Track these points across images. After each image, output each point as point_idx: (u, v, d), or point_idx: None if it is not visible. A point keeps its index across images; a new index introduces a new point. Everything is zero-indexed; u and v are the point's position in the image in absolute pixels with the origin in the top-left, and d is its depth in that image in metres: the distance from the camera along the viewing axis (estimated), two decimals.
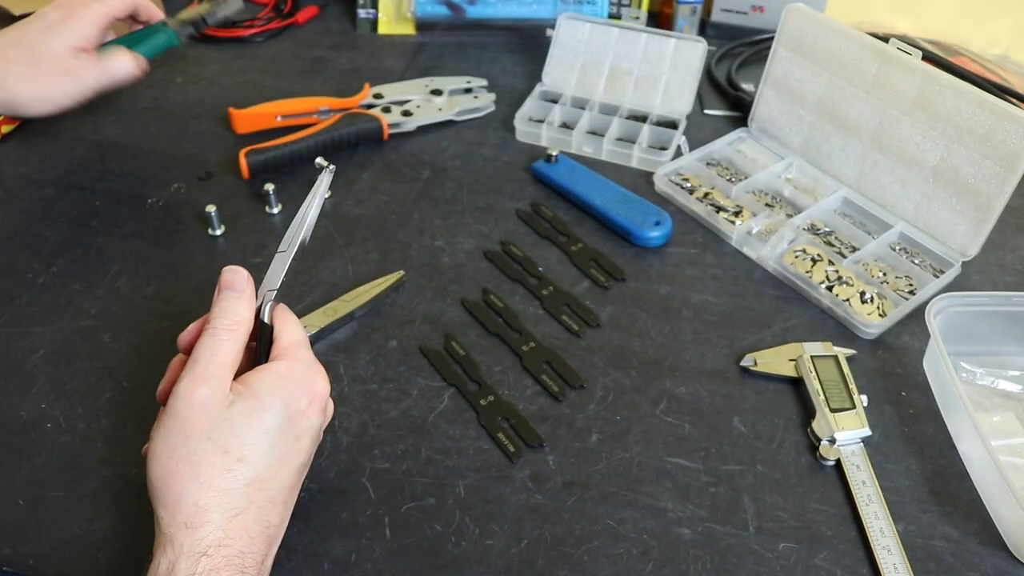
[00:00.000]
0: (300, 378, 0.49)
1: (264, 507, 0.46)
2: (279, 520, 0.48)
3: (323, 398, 0.51)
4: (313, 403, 0.50)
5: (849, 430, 0.60)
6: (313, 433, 0.50)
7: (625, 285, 0.73)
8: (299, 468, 0.49)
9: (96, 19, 0.72)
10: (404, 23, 1.07)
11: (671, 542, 0.55)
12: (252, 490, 0.46)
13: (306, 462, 0.50)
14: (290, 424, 0.48)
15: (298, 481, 0.50)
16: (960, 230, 0.73)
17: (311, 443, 0.50)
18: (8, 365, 0.65)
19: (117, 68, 0.72)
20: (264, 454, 0.47)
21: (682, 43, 0.89)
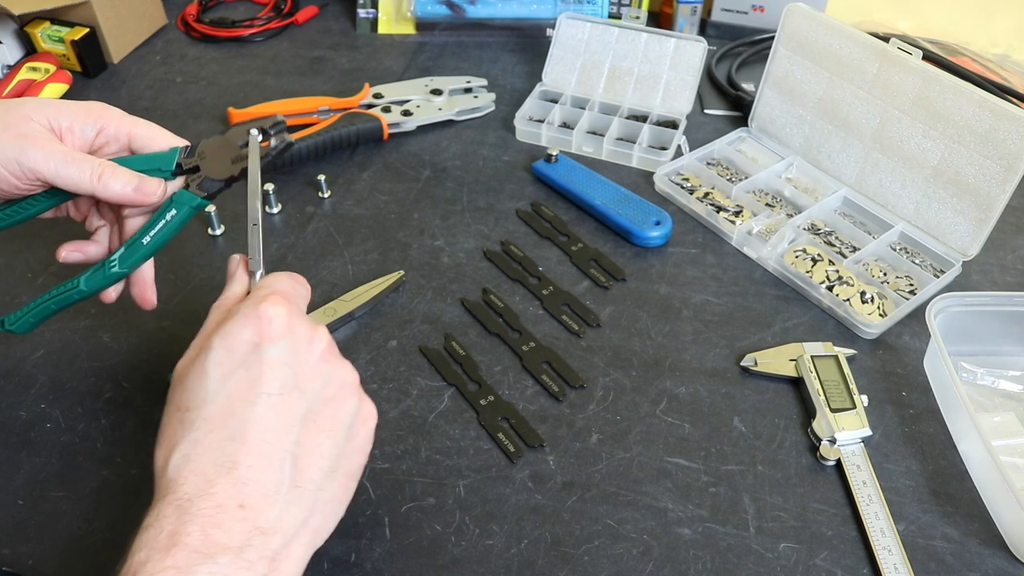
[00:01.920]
0: (245, 313, 0.45)
1: (223, 446, 0.42)
2: (256, 460, 0.42)
3: (271, 320, 0.45)
4: (261, 329, 0.45)
5: (849, 430, 0.60)
6: (273, 359, 0.44)
7: (625, 285, 0.73)
8: (263, 398, 0.43)
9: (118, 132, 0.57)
10: (404, 23, 1.07)
11: (671, 542, 0.55)
12: (202, 432, 0.42)
13: (280, 390, 0.44)
14: (229, 355, 0.44)
15: (281, 415, 0.44)
16: (960, 230, 0.73)
17: (275, 371, 0.44)
18: (8, 365, 0.64)
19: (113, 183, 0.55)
20: (210, 394, 0.43)
21: (682, 43, 0.89)
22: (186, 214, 0.57)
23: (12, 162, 0.52)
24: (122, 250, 0.56)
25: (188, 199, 0.56)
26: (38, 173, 0.52)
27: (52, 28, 0.96)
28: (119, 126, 0.56)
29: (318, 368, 0.46)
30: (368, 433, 0.48)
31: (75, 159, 0.53)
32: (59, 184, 0.53)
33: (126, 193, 0.54)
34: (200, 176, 0.57)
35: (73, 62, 0.96)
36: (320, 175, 0.81)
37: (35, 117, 0.54)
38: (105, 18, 0.97)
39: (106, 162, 0.54)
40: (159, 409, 0.61)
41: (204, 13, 1.08)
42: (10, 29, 0.96)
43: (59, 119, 0.54)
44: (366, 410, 0.48)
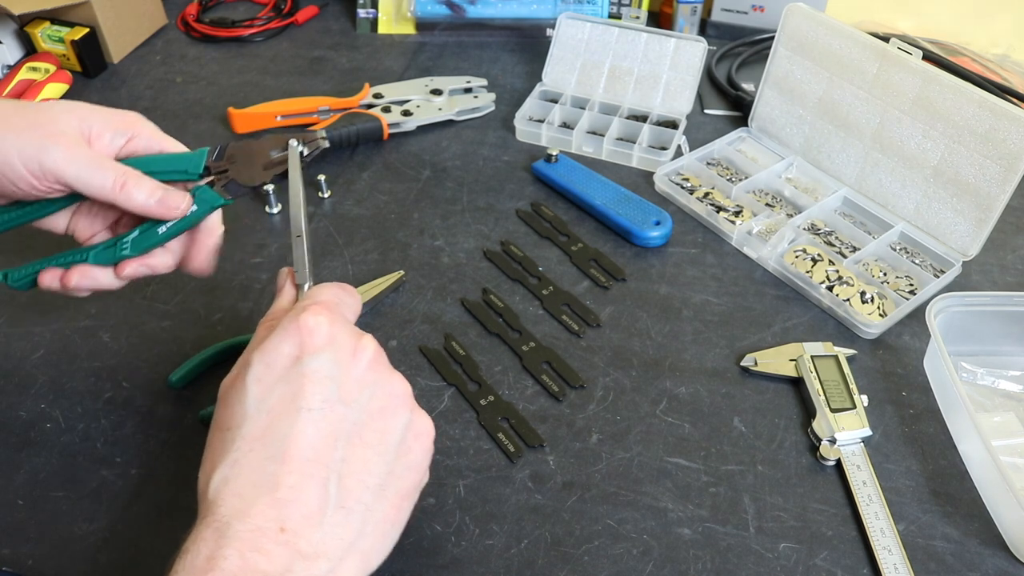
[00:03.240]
0: (284, 326, 0.43)
1: (263, 465, 0.40)
2: (297, 480, 0.40)
3: (311, 331, 0.43)
4: (303, 342, 0.42)
5: (849, 430, 0.60)
6: (314, 372, 0.42)
7: (625, 285, 0.73)
8: (304, 413, 0.41)
9: (148, 147, 0.55)
10: (404, 23, 1.07)
11: (671, 542, 0.55)
12: (241, 452, 0.40)
13: (321, 405, 0.41)
14: (269, 370, 0.42)
15: (323, 431, 0.41)
16: (960, 230, 0.73)
17: (317, 385, 0.42)
18: (8, 365, 0.64)
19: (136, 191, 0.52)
20: (249, 411, 0.41)
21: (682, 43, 0.89)
22: (206, 211, 0.55)
23: (33, 161, 0.50)
24: (136, 233, 0.54)
25: (211, 197, 0.54)
26: (59, 175, 0.50)
27: (52, 28, 0.96)
28: (150, 141, 0.54)
29: (364, 379, 0.43)
30: (423, 449, 0.45)
31: (99, 164, 0.51)
32: (79, 189, 0.51)
33: (149, 205, 0.52)
34: (227, 178, 0.56)
35: (73, 62, 0.96)
36: (320, 175, 0.81)
37: (64, 118, 0.51)
38: (105, 18, 0.97)
39: (131, 170, 0.52)
40: (159, 409, 0.62)
41: (204, 13, 1.08)
42: (10, 29, 0.96)
43: (90, 122, 0.52)
44: (419, 424, 0.45)
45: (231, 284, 0.71)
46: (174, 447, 0.59)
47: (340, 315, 0.45)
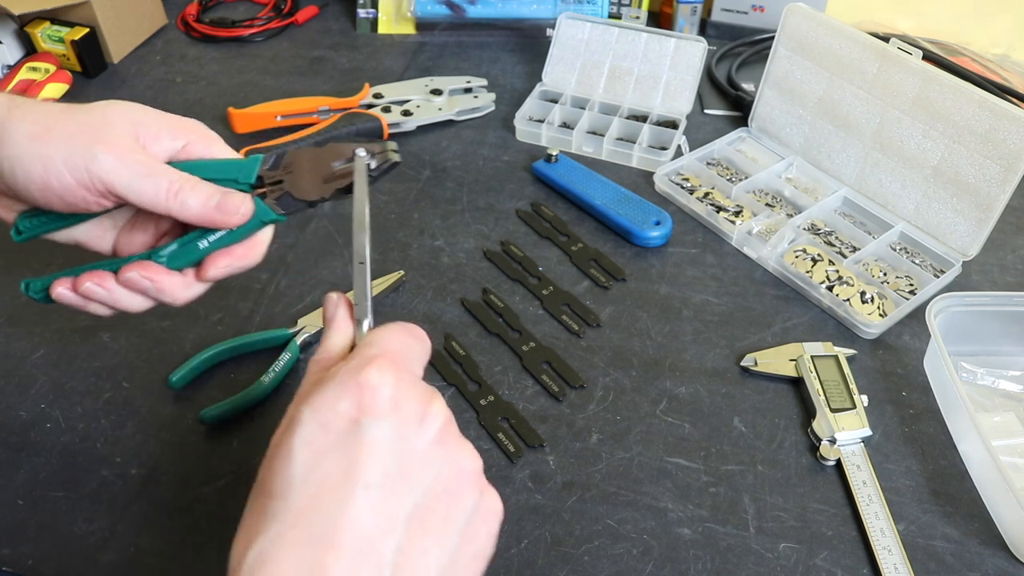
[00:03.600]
0: (343, 380, 0.37)
1: (308, 548, 0.34)
2: (347, 569, 0.33)
3: (375, 391, 0.36)
4: (362, 402, 0.36)
5: (849, 430, 0.60)
6: (374, 442, 0.36)
7: (625, 285, 0.73)
8: (360, 491, 0.35)
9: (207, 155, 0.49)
10: (404, 23, 1.07)
11: (671, 542, 0.55)
12: (284, 527, 0.34)
13: (381, 482, 0.35)
14: (322, 432, 0.36)
15: (380, 515, 0.35)
16: (960, 230, 0.73)
17: (376, 458, 0.35)
18: (8, 365, 0.64)
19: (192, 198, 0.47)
20: (295, 480, 0.35)
21: (682, 43, 0.89)
22: (255, 226, 0.48)
23: (82, 170, 0.45)
24: (174, 247, 0.48)
25: (262, 211, 0.48)
26: (108, 184, 0.45)
27: (52, 28, 0.96)
28: (208, 148, 0.49)
29: (430, 454, 0.37)
30: (490, 534, 0.39)
31: (151, 171, 0.46)
32: (131, 199, 0.46)
33: (206, 211, 0.46)
34: (281, 190, 0.49)
35: (73, 62, 0.96)
36: None
37: (118, 121, 0.47)
38: (105, 18, 0.97)
39: (185, 175, 0.47)
40: (159, 409, 0.62)
41: (204, 13, 1.08)
42: (10, 29, 0.96)
43: (146, 124, 0.48)
44: (488, 505, 0.39)
45: (231, 284, 0.71)
46: (174, 447, 0.59)
47: (408, 371, 0.38)
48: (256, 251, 0.49)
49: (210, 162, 0.48)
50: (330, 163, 0.49)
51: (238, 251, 0.49)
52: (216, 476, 0.58)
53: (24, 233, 0.50)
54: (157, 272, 0.47)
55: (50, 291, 0.49)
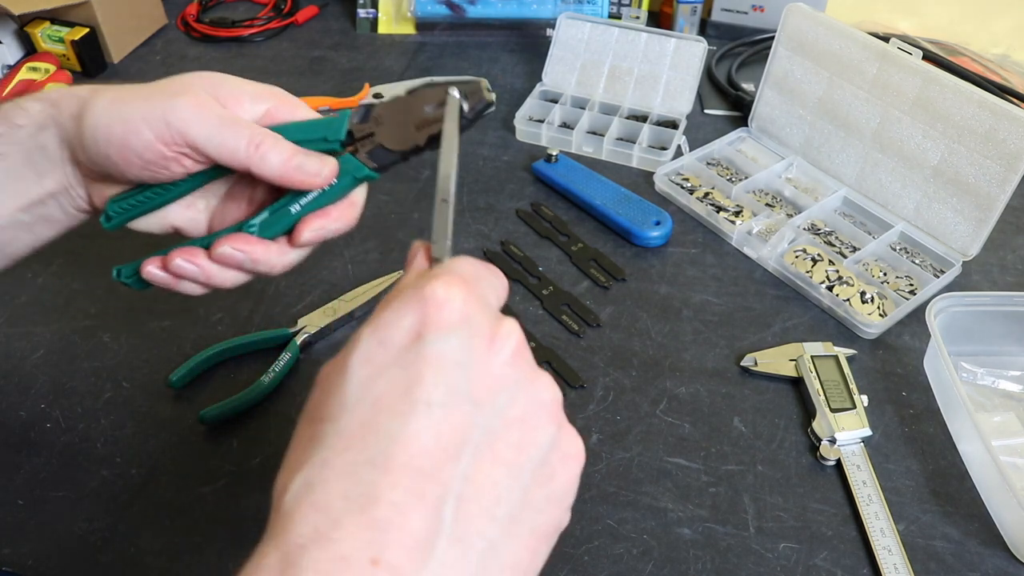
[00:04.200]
0: (407, 296, 0.33)
1: (359, 472, 0.30)
2: (402, 496, 0.29)
3: (440, 305, 0.33)
4: (427, 316, 0.32)
5: (849, 430, 0.60)
6: (439, 355, 0.32)
7: (625, 285, 0.73)
8: (421, 408, 0.31)
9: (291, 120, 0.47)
10: (404, 23, 1.07)
11: (671, 542, 0.55)
12: (333, 452, 0.31)
13: (444, 400, 0.31)
14: (381, 349, 0.32)
15: (444, 435, 0.31)
16: (961, 230, 0.73)
17: (441, 373, 0.31)
18: (8, 365, 0.64)
19: (273, 154, 0.45)
20: (349, 400, 0.32)
21: (682, 43, 0.89)
22: (348, 185, 0.46)
23: (160, 122, 0.43)
24: (265, 214, 0.46)
25: (353, 167, 0.46)
26: (188, 136, 0.44)
27: (52, 28, 0.96)
28: (292, 113, 0.47)
29: (503, 376, 0.33)
30: (570, 478, 0.35)
31: (232, 123, 0.44)
32: (210, 151, 0.44)
33: (286, 170, 0.44)
34: (373, 143, 0.46)
35: (73, 62, 0.96)
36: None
37: (197, 82, 0.46)
38: (105, 18, 0.97)
39: (268, 131, 0.45)
40: (159, 409, 0.62)
41: (204, 13, 1.08)
42: (10, 29, 0.96)
43: (226, 86, 0.47)
44: (568, 444, 0.35)
45: None
46: (174, 447, 0.59)
47: (479, 293, 0.34)
48: (351, 213, 0.47)
49: (298, 124, 0.46)
50: (422, 108, 0.46)
51: (332, 213, 0.47)
52: (216, 476, 0.58)
53: (114, 219, 0.48)
54: (249, 242, 0.46)
55: (140, 271, 0.47)
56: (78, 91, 0.47)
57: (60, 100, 0.47)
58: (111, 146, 0.44)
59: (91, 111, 0.45)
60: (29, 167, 0.47)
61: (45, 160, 0.47)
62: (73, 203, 0.49)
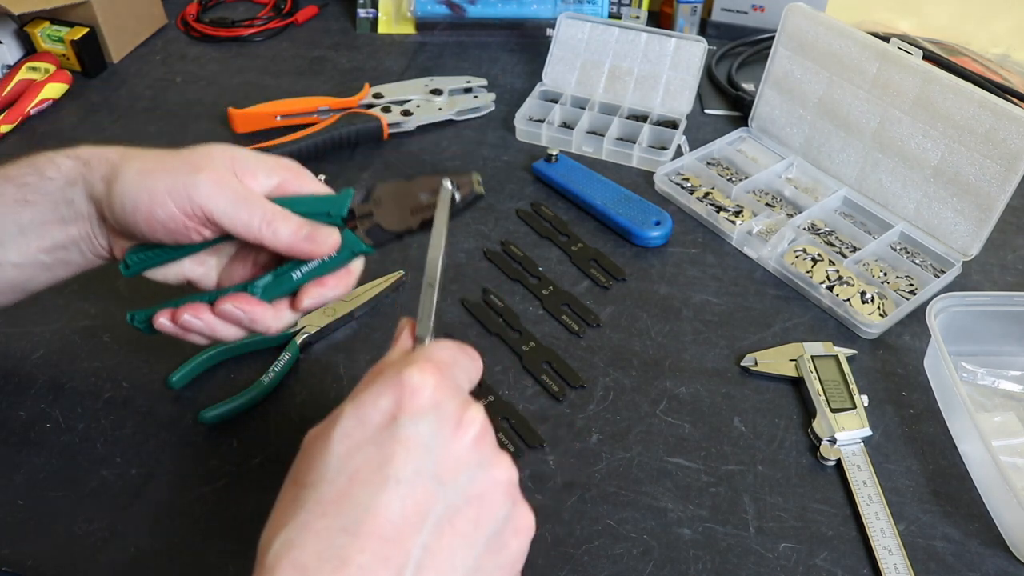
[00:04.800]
0: (386, 379, 0.38)
1: (333, 536, 0.35)
2: (370, 560, 0.34)
3: (414, 391, 0.38)
4: (402, 400, 0.37)
5: (850, 430, 0.60)
6: (409, 437, 0.37)
7: (625, 285, 0.73)
8: (391, 484, 0.35)
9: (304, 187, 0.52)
10: (404, 23, 1.07)
11: (671, 542, 0.55)
12: (312, 516, 0.35)
13: (412, 477, 0.36)
14: (363, 428, 0.37)
15: (409, 509, 0.35)
16: (961, 230, 0.73)
17: (411, 453, 0.36)
18: (7, 365, 0.64)
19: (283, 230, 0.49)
20: (329, 470, 0.36)
21: (682, 43, 0.89)
22: (346, 257, 0.51)
23: (184, 197, 0.48)
24: (268, 278, 0.51)
25: (351, 242, 0.51)
26: (208, 211, 0.48)
27: (52, 28, 0.96)
28: (301, 186, 0.52)
29: (465, 458, 0.38)
30: (520, 547, 0.39)
31: (247, 199, 0.49)
32: (226, 225, 0.49)
33: (296, 241, 0.49)
34: (371, 222, 0.51)
35: (73, 62, 0.96)
36: (320, 175, 0.80)
37: (217, 155, 0.50)
38: (105, 18, 0.97)
39: (278, 207, 0.50)
40: (159, 410, 0.62)
41: (204, 13, 1.08)
42: (10, 29, 0.96)
43: (243, 160, 0.51)
44: (521, 519, 0.39)
45: None
46: (174, 447, 0.59)
47: (451, 379, 0.40)
48: (347, 281, 0.52)
49: (304, 198, 0.51)
50: (418, 195, 0.51)
51: (330, 281, 0.51)
52: (216, 476, 0.58)
53: (132, 267, 0.53)
54: (250, 303, 0.50)
55: (152, 322, 0.52)
56: (109, 154, 0.51)
57: (91, 160, 0.51)
58: (138, 214, 0.49)
59: (121, 180, 0.49)
60: (55, 215, 0.51)
61: (71, 211, 0.51)
62: (93, 249, 0.53)
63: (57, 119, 0.91)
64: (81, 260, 0.54)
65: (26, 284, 0.54)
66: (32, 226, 0.52)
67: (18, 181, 0.51)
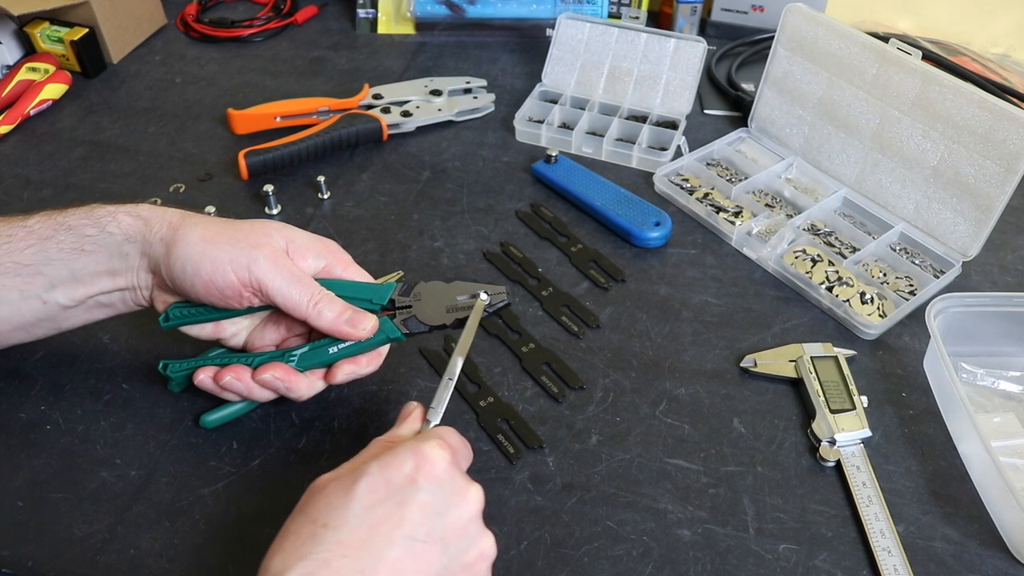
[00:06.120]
0: (409, 447, 0.46)
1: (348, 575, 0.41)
2: None
3: (433, 462, 0.45)
4: (422, 467, 0.45)
5: (849, 431, 0.60)
6: (426, 502, 0.44)
7: (625, 286, 0.73)
8: (406, 540, 0.43)
9: (343, 276, 0.58)
10: (404, 23, 1.07)
11: (671, 543, 0.55)
12: (333, 555, 0.41)
13: (425, 538, 0.43)
14: (387, 486, 0.44)
15: (418, 565, 0.43)
16: (960, 230, 0.73)
17: (426, 516, 0.44)
18: (7, 367, 0.64)
19: (328, 312, 0.55)
20: (352, 517, 0.43)
21: (682, 43, 0.89)
22: (380, 341, 0.57)
23: (243, 269, 0.53)
24: (305, 349, 0.56)
25: (388, 328, 0.56)
26: (264, 284, 0.54)
27: (51, 28, 0.96)
28: (345, 270, 0.58)
29: (466, 528, 0.46)
30: None
31: (300, 280, 0.55)
32: (278, 301, 0.54)
33: (337, 325, 0.55)
34: (409, 313, 0.58)
35: (72, 62, 0.96)
36: (320, 176, 0.81)
37: (275, 235, 0.56)
38: (104, 18, 0.97)
39: (325, 290, 0.55)
40: (159, 411, 0.62)
41: (203, 13, 1.08)
42: (10, 29, 0.96)
43: (297, 242, 0.56)
44: None
45: None
46: (173, 449, 0.59)
47: (458, 460, 0.48)
48: (376, 362, 0.58)
49: (351, 283, 0.57)
50: (455, 296, 0.59)
51: (362, 360, 0.57)
52: (216, 478, 0.58)
53: (172, 321, 0.57)
54: (289, 375, 0.56)
55: (194, 378, 0.57)
56: (169, 216, 0.56)
57: (151, 220, 0.56)
58: (198, 278, 0.54)
59: (183, 244, 0.54)
60: (108, 266, 0.56)
61: (124, 264, 0.56)
62: (135, 299, 0.58)
63: (57, 119, 0.90)
64: (121, 307, 0.59)
65: (64, 323, 0.59)
66: (84, 274, 0.56)
67: (78, 231, 0.56)
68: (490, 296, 0.58)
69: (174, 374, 0.58)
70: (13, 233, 0.56)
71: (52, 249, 0.55)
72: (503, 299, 0.59)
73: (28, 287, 0.55)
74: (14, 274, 0.55)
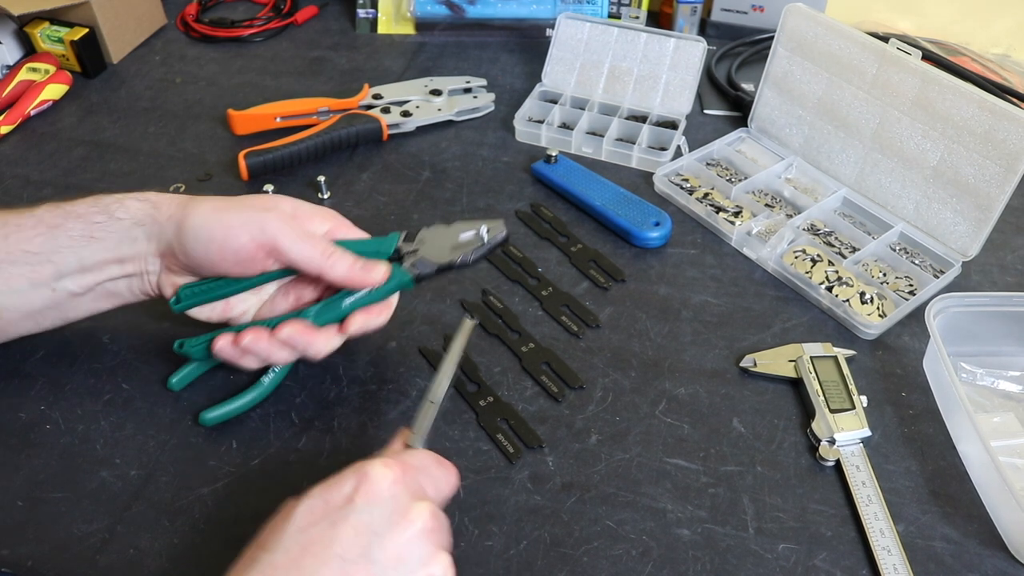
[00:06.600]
0: (354, 469, 0.45)
1: None
2: None
3: (373, 481, 0.44)
4: (360, 486, 0.43)
5: (849, 431, 0.60)
6: (359, 521, 0.42)
7: (625, 286, 0.73)
8: (337, 560, 0.41)
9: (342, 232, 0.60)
10: (404, 23, 1.07)
11: (670, 543, 0.55)
12: (259, 574, 0.41)
13: (357, 559, 0.42)
14: (324, 507, 0.43)
15: None
16: (960, 230, 0.73)
17: (358, 535, 0.42)
18: (7, 366, 0.64)
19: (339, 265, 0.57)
20: (286, 538, 0.42)
21: (682, 43, 0.89)
22: (392, 288, 0.58)
23: (257, 230, 0.55)
24: (319, 306, 0.58)
25: (399, 273, 0.58)
26: (278, 243, 0.55)
27: (52, 28, 0.96)
28: (348, 233, 0.60)
29: (407, 549, 0.43)
30: None
31: (310, 237, 0.57)
32: (292, 256, 0.56)
33: (352, 272, 0.57)
34: (416, 256, 0.59)
35: (73, 62, 0.96)
36: (320, 176, 0.81)
37: (281, 202, 0.58)
38: (105, 18, 0.97)
39: (335, 245, 0.57)
40: (159, 411, 0.62)
41: (203, 13, 1.08)
42: (10, 29, 0.96)
43: (303, 208, 0.59)
44: None
45: None
46: (173, 449, 0.59)
47: (413, 480, 0.45)
48: (388, 311, 0.60)
49: (357, 241, 0.59)
50: (458, 235, 0.60)
51: (374, 310, 0.58)
52: (215, 477, 0.58)
53: (183, 302, 0.58)
54: (308, 330, 0.56)
55: (212, 345, 0.57)
56: (176, 198, 0.58)
57: (159, 202, 0.57)
58: (212, 243, 0.55)
59: (195, 215, 0.55)
60: (116, 254, 0.57)
61: (132, 250, 0.57)
62: (142, 287, 0.59)
63: (57, 120, 0.91)
64: (127, 295, 0.60)
65: (70, 312, 0.59)
66: (93, 261, 0.57)
67: (87, 219, 0.56)
68: (489, 230, 0.60)
69: (192, 348, 0.59)
70: (22, 222, 0.57)
71: (61, 237, 0.56)
72: (502, 232, 0.60)
73: (37, 275, 0.56)
74: (24, 262, 0.56)
